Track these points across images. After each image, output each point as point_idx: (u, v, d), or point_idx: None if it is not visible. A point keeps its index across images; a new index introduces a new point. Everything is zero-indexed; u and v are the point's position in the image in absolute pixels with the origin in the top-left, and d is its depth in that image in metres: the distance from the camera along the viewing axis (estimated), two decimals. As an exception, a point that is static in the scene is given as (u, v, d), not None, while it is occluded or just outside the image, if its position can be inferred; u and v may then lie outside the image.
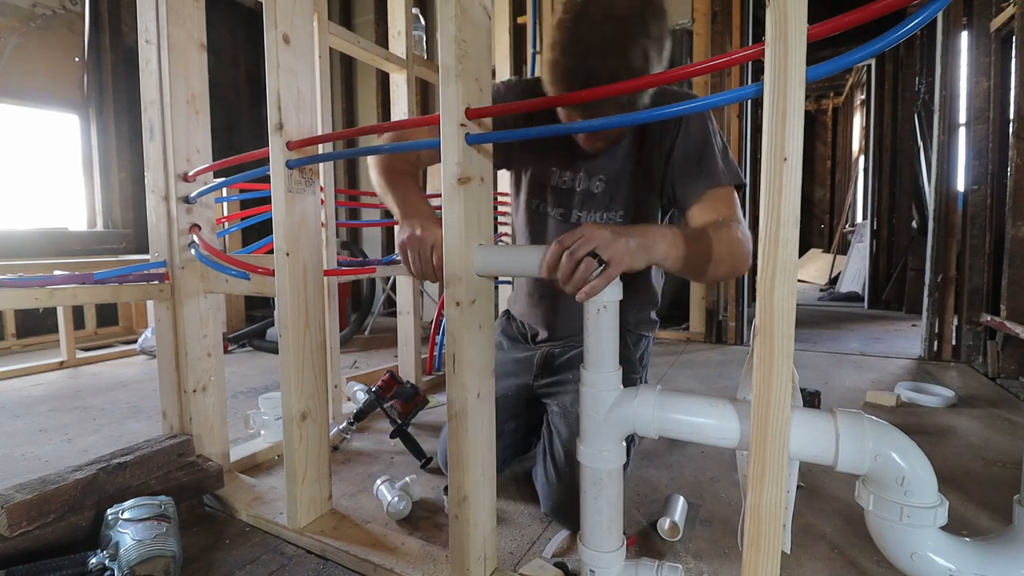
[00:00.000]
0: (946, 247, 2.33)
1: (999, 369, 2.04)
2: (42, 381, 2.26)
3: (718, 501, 1.15)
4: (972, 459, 1.34)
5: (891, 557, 0.58)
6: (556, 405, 1.11)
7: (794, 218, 0.52)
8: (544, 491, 1.07)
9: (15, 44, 3.02)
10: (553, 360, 1.18)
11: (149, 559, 0.80)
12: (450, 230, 0.75)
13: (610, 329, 0.69)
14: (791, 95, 0.51)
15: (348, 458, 1.41)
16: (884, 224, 4.03)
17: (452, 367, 0.76)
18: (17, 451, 1.48)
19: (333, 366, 1.60)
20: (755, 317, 0.55)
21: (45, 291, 1.03)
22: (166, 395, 1.21)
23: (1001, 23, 2.03)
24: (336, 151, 1.31)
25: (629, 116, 0.65)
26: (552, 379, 1.16)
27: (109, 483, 0.96)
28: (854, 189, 6.04)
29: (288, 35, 0.91)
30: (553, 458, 1.06)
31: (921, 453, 0.56)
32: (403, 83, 1.88)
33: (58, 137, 3.32)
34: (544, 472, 1.07)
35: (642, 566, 0.75)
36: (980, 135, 2.17)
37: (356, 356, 2.69)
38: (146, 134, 1.16)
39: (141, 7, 1.12)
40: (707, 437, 0.65)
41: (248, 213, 1.67)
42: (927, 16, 0.47)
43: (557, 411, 1.10)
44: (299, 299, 0.96)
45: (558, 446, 1.06)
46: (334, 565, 0.92)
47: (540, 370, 1.18)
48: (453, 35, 0.71)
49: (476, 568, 0.80)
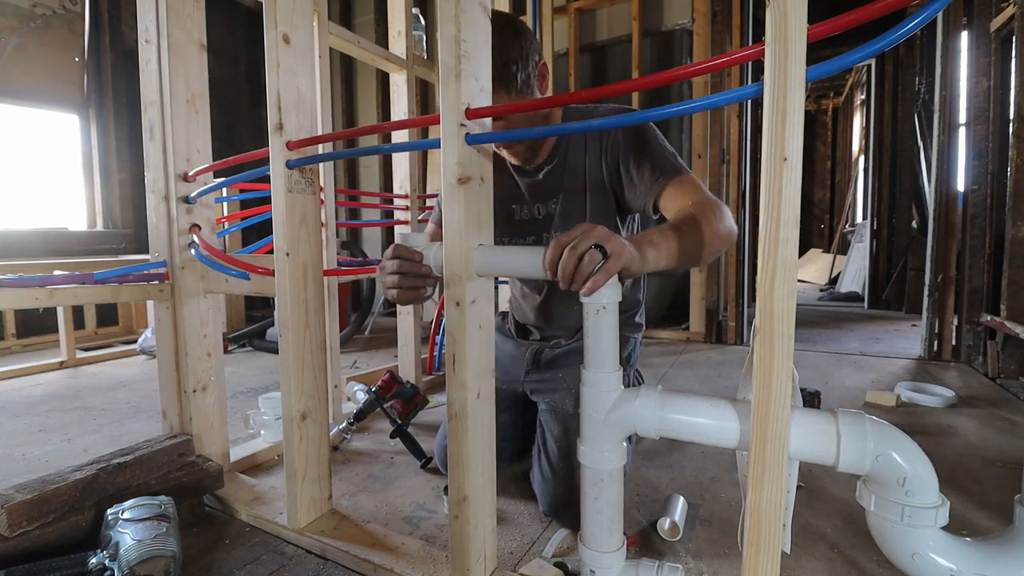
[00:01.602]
0: (946, 247, 2.33)
1: (999, 369, 2.04)
2: (42, 381, 2.26)
3: (718, 501, 1.15)
4: (972, 459, 1.34)
5: (892, 557, 0.58)
6: (546, 403, 1.12)
7: (794, 218, 0.52)
8: (541, 489, 1.08)
9: (15, 44, 3.02)
10: (542, 357, 1.18)
11: (149, 559, 0.80)
12: (450, 230, 0.75)
13: (610, 329, 0.69)
14: (791, 95, 0.51)
15: (348, 458, 1.41)
16: (884, 224, 4.03)
17: (452, 367, 0.76)
18: (17, 451, 1.48)
19: (333, 366, 1.60)
20: (755, 317, 0.55)
21: (45, 291, 1.03)
22: (166, 395, 1.21)
23: (1001, 23, 2.03)
24: (336, 151, 1.31)
25: (629, 116, 0.65)
26: (541, 376, 1.17)
27: (109, 483, 0.96)
28: (854, 189, 6.04)
29: (288, 35, 0.91)
30: (547, 456, 1.07)
31: (922, 453, 0.56)
32: (403, 83, 1.88)
33: (58, 137, 3.32)
34: (540, 471, 1.08)
35: (642, 566, 0.75)
36: (980, 135, 2.17)
37: (356, 356, 2.69)
38: (146, 134, 1.16)
39: (141, 7, 1.12)
40: (707, 437, 0.65)
41: (248, 213, 1.68)
42: (927, 16, 0.47)
43: (547, 408, 1.11)
44: (299, 299, 0.96)
45: (551, 443, 1.07)
46: (334, 565, 0.92)
47: (530, 366, 1.19)
48: (453, 35, 0.71)
49: (476, 568, 0.80)
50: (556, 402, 1.10)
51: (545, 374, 1.17)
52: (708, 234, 0.81)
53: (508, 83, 0.93)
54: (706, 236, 0.81)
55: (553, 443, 1.06)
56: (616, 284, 0.68)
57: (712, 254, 0.83)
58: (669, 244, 0.77)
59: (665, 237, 0.77)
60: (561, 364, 1.16)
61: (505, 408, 1.15)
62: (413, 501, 1.16)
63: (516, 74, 0.94)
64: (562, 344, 1.18)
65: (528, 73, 0.96)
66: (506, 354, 1.23)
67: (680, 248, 0.77)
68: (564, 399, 1.08)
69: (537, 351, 1.19)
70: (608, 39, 3.29)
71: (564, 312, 1.18)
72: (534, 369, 1.19)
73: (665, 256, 0.76)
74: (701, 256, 0.82)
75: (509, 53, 0.92)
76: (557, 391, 1.11)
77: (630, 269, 0.69)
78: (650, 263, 0.73)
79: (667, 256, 0.76)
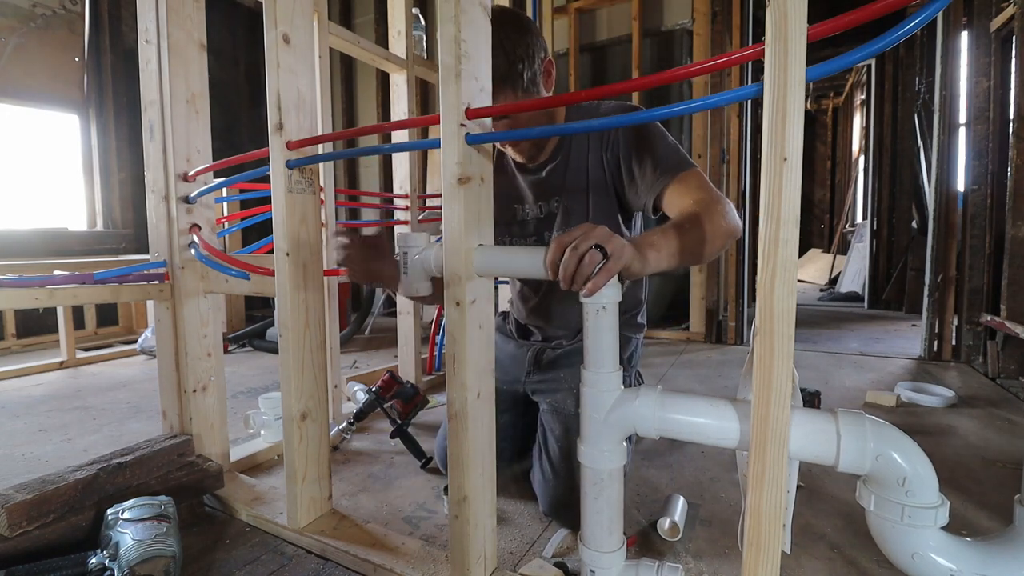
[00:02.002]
0: (946, 247, 2.33)
1: (999, 369, 2.04)
2: (42, 381, 2.26)
3: (718, 501, 1.15)
4: (972, 459, 1.34)
5: (892, 557, 0.58)
6: (547, 403, 1.12)
7: (794, 218, 0.52)
8: (541, 489, 1.07)
9: (15, 44, 3.02)
10: (543, 357, 1.18)
11: (149, 559, 0.80)
12: (450, 230, 0.75)
13: (610, 330, 0.69)
14: (791, 95, 0.51)
15: (348, 458, 1.41)
16: (884, 224, 4.03)
17: (452, 367, 0.76)
18: (17, 451, 1.48)
19: (333, 366, 1.60)
20: (755, 317, 0.55)
21: (45, 291, 1.03)
22: (166, 395, 1.21)
23: (1001, 23, 2.03)
24: (336, 151, 1.31)
25: (631, 116, 0.65)
26: (542, 376, 1.17)
27: (109, 483, 0.96)
28: (854, 189, 6.04)
29: (288, 35, 0.91)
30: (548, 456, 1.07)
31: (922, 453, 0.56)
32: (403, 83, 1.88)
33: (58, 137, 3.32)
34: (540, 471, 1.08)
35: (642, 566, 0.75)
36: (980, 135, 2.17)
37: (356, 356, 2.69)
38: (146, 134, 1.16)
39: (141, 7, 1.12)
40: (708, 437, 0.65)
41: (248, 213, 1.67)
42: (927, 16, 0.47)
43: (548, 408, 1.11)
44: (299, 299, 0.96)
45: (552, 443, 1.07)
46: (334, 565, 0.92)
47: (531, 367, 1.19)
48: (453, 35, 0.71)
49: (476, 568, 0.80)
50: (558, 402, 1.10)
51: (547, 374, 1.17)
52: (710, 232, 0.80)
53: (514, 82, 0.93)
54: (708, 234, 0.80)
55: (554, 443, 1.06)
56: (616, 285, 0.68)
57: (714, 252, 0.83)
58: (670, 244, 0.76)
59: (666, 237, 0.77)
60: (562, 364, 1.15)
61: (506, 408, 1.15)
62: (413, 501, 1.17)
63: (522, 72, 0.93)
64: (563, 345, 1.18)
65: (534, 71, 0.95)
66: (507, 355, 1.23)
67: (681, 248, 0.77)
68: (566, 399, 1.08)
69: (538, 351, 1.19)
70: (608, 39, 3.29)
71: (564, 312, 1.18)
72: (535, 370, 1.19)
73: (667, 256, 0.75)
74: (703, 254, 0.81)
75: (515, 51, 0.91)
76: (559, 391, 1.11)
77: (631, 270, 0.69)
78: (651, 264, 0.72)
79: (668, 256, 0.75)
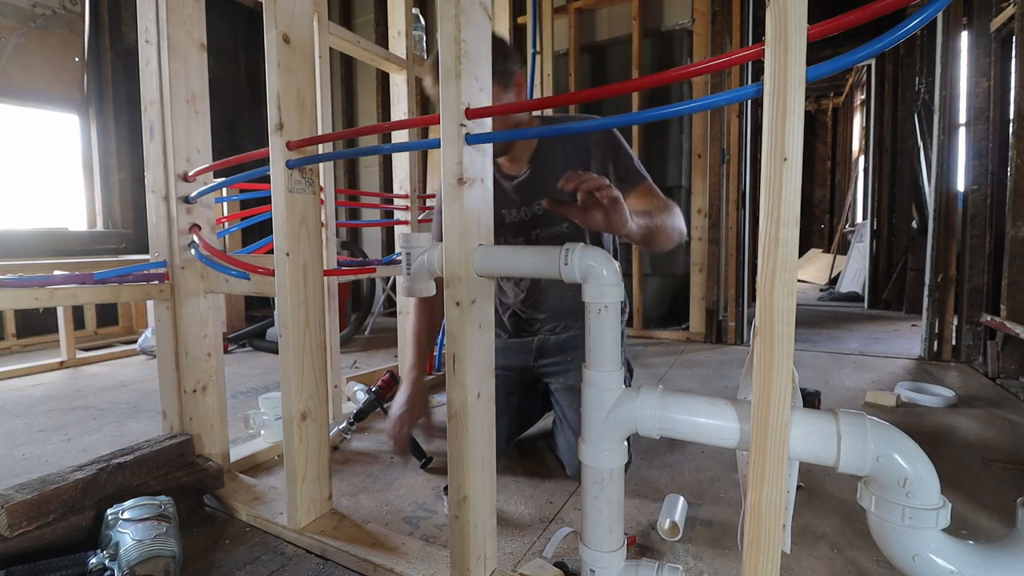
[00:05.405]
0: (946, 247, 2.33)
1: (999, 369, 2.04)
2: (42, 381, 2.25)
3: (718, 501, 1.15)
4: (972, 459, 1.34)
5: (893, 559, 0.58)
6: (560, 382, 1.30)
7: (794, 218, 0.52)
8: (567, 456, 1.25)
9: (15, 44, 3.02)
10: (548, 344, 1.34)
11: (149, 559, 0.80)
12: (450, 230, 0.75)
13: (611, 329, 0.69)
14: (791, 95, 0.51)
15: (348, 458, 1.41)
16: (884, 224, 4.03)
17: (452, 367, 0.76)
18: (17, 451, 1.48)
19: (333, 366, 1.60)
20: (755, 317, 0.55)
21: (45, 291, 1.03)
22: (166, 395, 1.21)
23: (1001, 23, 2.03)
24: (336, 151, 1.32)
25: (629, 116, 0.65)
26: (551, 360, 1.33)
27: (109, 483, 0.96)
28: (854, 189, 6.04)
29: (288, 35, 0.91)
30: (570, 426, 1.24)
31: (923, 454, 0.56)
32: (403, 83, 1.88)
33: (58, 137, 3.32)
34: (564, 439, 1.26)
35: (642, 566, 0.75)
36: (980, 135, 2.17)
37: (356, 356, 2.69)
38: (146, 134, 1.16)
39: (141, 7, 1.12)
40: (708, 437, 0.65)
41: (248, 213, 1.68)
42: (927, 16, 0.47)
43: (561, 387, 1.29)
44: (299, 299, 0.96)
45: (572, 415, 1.24)
46: (334, 565, 0.92)
47: (539, 353, 1.35)
48: (453, 35, 0.71)
49: (476, 568, 0.80)
50: (571, 379, 1.27)
51: (555, 358, 1.32)
52: (669, 227, 1.03)
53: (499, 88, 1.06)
54: (668, 227, 1.03)
55: (573, 414, 1.24)
56: (619, 284, 0.69)
57: (665, 244, 1.03)
58: (641, 219, 0.95)
59: (639, 214, 0.95)
60: (568, 348, 1.32)
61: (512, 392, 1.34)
62: (413, 501, 1.16)
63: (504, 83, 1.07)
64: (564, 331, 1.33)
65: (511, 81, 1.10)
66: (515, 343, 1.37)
67: (647, 227, 0.97)
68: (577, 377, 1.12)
69: (543, 340, 1.34)
70: (608, 39, 3.28)
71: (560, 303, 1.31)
72: (542, 355, 1.34)
73: (637, 227, 0.91)
74: (658, 242, 1.02)
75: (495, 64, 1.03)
76: (570, 371, 1.29)
77: (621, 215, 0.82)
78: (628, 224, 0.87)
79: (638, 227, 0.92)
